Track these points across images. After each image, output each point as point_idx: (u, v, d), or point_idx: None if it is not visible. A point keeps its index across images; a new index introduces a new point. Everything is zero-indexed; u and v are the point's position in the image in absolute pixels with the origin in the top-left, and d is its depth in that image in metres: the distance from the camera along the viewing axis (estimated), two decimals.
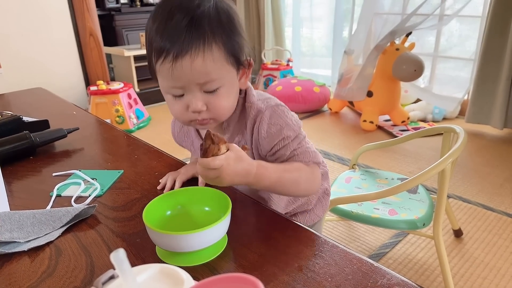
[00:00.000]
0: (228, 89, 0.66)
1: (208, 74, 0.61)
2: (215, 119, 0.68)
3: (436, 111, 2.99)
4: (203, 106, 0.64)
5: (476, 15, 2.88)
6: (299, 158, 0.71)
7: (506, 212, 1.78)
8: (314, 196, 0.90)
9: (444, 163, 1.08)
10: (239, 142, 0.75)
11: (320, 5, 4.01)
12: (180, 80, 0.62)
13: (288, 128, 0.70)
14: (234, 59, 0.64)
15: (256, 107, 0.72)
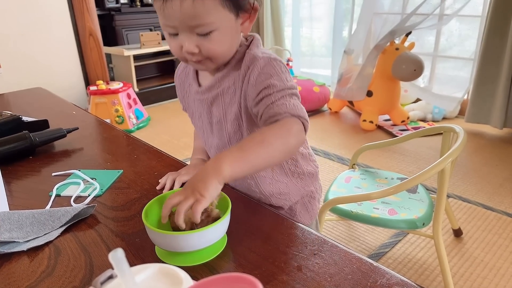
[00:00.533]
0: (223, 34, 0.64)
1: (198, 18, 0.61)
2: (211, 62, 0.68)
3: (436, 111, 2.99)
4: (195, 49, 0.64)
5: (476, 15, 2.88)
6: (273, 110, 0.64)
7: (506, 212, 1.78)
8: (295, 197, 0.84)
9: (444, 163, 1.08)
10: (228, 87, 0.72)
11: (320, 5, 4.01)
12: (171, 19, 0.62)
13: (277, 79, 0.67)
14: (231, 3, 0.63)
15: (253, 55, 0.70)
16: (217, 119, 0.76)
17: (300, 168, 0.83)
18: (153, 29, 3.96)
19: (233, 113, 0.73)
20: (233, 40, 0.68)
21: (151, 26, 3.97)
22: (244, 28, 0.69)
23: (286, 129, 0.63)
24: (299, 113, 0.65)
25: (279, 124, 0.64)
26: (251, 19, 0.69)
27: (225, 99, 0.73)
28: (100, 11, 3.45)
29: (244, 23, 0.68)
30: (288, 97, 0.66)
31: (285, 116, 0.64)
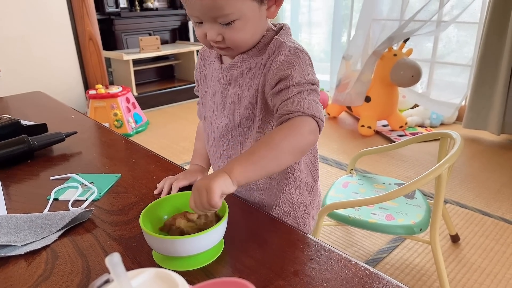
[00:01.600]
0: (245, 22, 0.65)
1: (220, 9, 0.62)
2: (234, 49, 0.69)
3: (434, 117, 3.01)
4: (218, 37, 0.66)
5: (474, 22, 2.90)
6: (287, 107, 0.64)
7: (503, 218, 1.78)
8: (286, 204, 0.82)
9: (441, 169, 1.09)
10: (249, 70, 0.72)
11: (319, 10, 4.03)
12: (194, 10, 0.64)
13: (299, 71, 0.65)
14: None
15: (281, 41, 0.69)
16: (232, 100, 0.75)
17: (299, 177, 0.81)
18: (152, 34, 3.98)
19: (248, 97, 0.72)
20: (257, 28, 0.69)
21: (150, 30, 3.99)
22: (270, 13, 0.69)
23: (295, 129, 0.62)
24: (313, 112, 0.63)
25: (289, 123, 0.63)
26: (278, 3, 0.68)
27: (243, 81, 0.73)
28: (100, 15, 3.47)
29: (270, 8, 0.68)
30: (306, 93, 0.65)
31: (297, 114, 0.63)
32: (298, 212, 0.84)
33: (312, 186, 0.85)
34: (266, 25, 0.72)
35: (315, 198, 0.87)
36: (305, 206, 0.84)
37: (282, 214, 0.83)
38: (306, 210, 0.85)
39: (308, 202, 0.84)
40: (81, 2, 3.06)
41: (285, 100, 0.65)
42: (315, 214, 0.88)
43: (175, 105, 3.78)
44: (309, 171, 0.84)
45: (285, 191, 0.81)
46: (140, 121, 3.09)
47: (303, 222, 0.85)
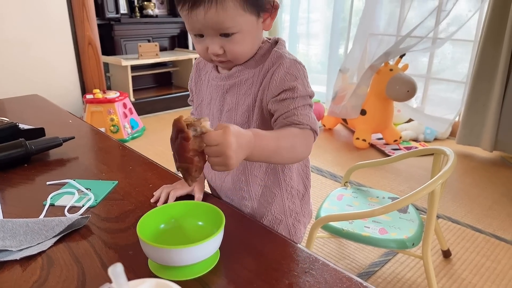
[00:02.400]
0: (245, 35, 0.69)
1: (221, 23, 0.65)
2: (233, 62, 0.73)
3: (428, 132, 3.04)
4: (220, 50, 0.70)
5: (469, 39, 2.95)
6: (297, 118, 0.69)
7: (494, 234, 1.80)
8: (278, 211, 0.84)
9: (434, 185, 1.10)
10: (247, 79, 0.75)
11: (317, 22, 4.08)
12: (196, 26, 0.67)
13: (301, 84, 0.71)
14: (252, 7, 0.67)
15: (280, 53, 0.73)
16: (229, 107, 0.78)
17: (291, 183, 0.83)
18: (151, 40, 4.00)
19: (245, 105, 0.75)
20: (255, 40, 0.73)
21: (150, 37, 4.01)
22: (266, 25, 0.73)
23: (308, 142, 0.70)
24: (316, 129, 0.72)
25: (304, 134, 0.70)
26: (272, 16, 0.73)
27: (241, 90, 0.76)
28: (100, 20, 3.48)
29: (265, 21, 0.72)
30: (309, 108, 0.72)
31: (306, 127, 0.70)
32: (290, 220, 0.85)
33: (304, 195, 0.87)
34: (262, 37, 0.76)
35: (307, 207, 0.89)
36: (297, 214, 0.86)
37: (274, 221, 0.84)
38: (297, 217, 0.87)
39: (300, 210, 0.87)
40: (82, 7, 3.07)
41: (292, 109, 0.70)
42: (306, 223, 0.90)
43: (171, 112, 3.78)
44: (301, 180, 0.86)
45: (277, 198, 0.83)
46: (136, 127, 3.09)
47: (294, 229, 0.87)
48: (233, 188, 0.83)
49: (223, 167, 0.56)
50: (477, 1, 2.79)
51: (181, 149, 0.54)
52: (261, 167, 0.81)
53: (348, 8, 3.55)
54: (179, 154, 0.55)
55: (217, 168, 0.56)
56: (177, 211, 0.65)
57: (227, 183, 0.84)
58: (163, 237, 0.62)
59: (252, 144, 0.59)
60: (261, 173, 0.81)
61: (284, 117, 0.70)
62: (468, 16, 2.82)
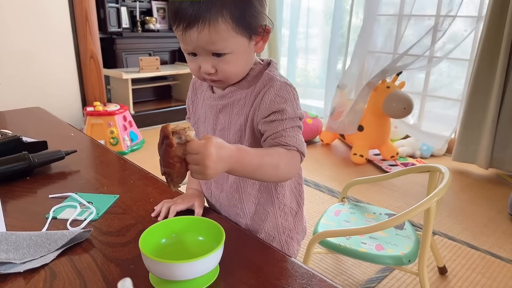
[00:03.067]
0: (237, 56, 0.71)
1: (214, 44, 0.68)
2: (224, 81, 0.75)
3: (424, 148, 3.07)
4: (212, 69, 0.72)
5: (465, 58, 3.01)
6: (285, 139, 0.71)
7: (490, 251, 1.81)
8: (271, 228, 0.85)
9: (429, 202, 1.12)
10: (239, 99, 0.77)
11: (316, 37, 4.15)
12: (190, 45, 0.70)
13: (290, 106, 0.73)
14: (244, 29, 0.69)
15: (272, 76, 0.75)
16: (222, 127, 0.80)
17: (284, 201, 0.85)
18: (152, 54, 4.05)
19: (238, 124, 0.78)
20: (247, 61, 0.75)
21: (151, 51, 4.06)
22: (258, 47, 0.76)
23: (294, 163, 0.72)
24: (303, 150, 0.73)
25: (291, 154, 0.72)
26: (264, 39, 0.75)
27: (234, 110, 0.78)
28: (102, 34, 3.54)
29: (258, 43, 0.75)
30: (297, 129, 0.74)
31: (293, 149, 0.72)
32: (283, 237, 0.87)
33: (297, 212, 0.89)
34: (253, 59, 0.78)
35: (300, 224, 0.90)
36: (290, 231, 0.88)
37: (267, 238, 0.86)
38: (291, 234, 0.88)
39: (293, 227, 0.88)
40: (85, 21, 3.13)
41: (280, 131, 0.72)
42: (300, 239, 0.92)
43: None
44: (294, 197, 0.88)
45: (270, 215, 0.85)
46: (136, 140, 3.11)
47: (287, 246, 0.88)
48: (228, 205, 0.85)
49: (201, 175, 0.60)
50: (473, 21, 2.86)
51: (166, 155, 0.58)
52: (254, 185, 0.82)
53: (346, 24, 3.62)
54: (163, 159, 0.59)
55: (195, 176, 0.61)
56: (178, 226, 0.67)
57: (223, 200, 0.86)
58: (164, 251, 0.64)
59: (234, 158, 0.63)
60: (254, 191, 0.83)
61: (272, 138, 0.72)
62: (464, 35, 2.89)
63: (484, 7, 2.74)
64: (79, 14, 3.13)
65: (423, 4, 2.97)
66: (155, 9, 4.15)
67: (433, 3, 2.95)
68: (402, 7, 3.11)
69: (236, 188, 0.83)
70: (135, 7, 3.95)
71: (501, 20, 2.47)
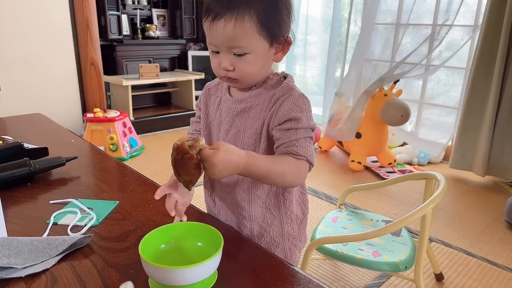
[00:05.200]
0: (256, 57, 0.74)
1: (236, 40, 0.71)
2: (240, 81, 0.78)
3: (422, 155, 3.09)
4: (230, 66, 0.75)
5: (461, 67, 3.05)
6: (296, 148, 0.74)
7: (486, 258, 1.82)
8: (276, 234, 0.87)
9: (425, 209, 1.14)
10: (257, 104, 0.80)
11: (314, 45, 4.19)
12: (214, 38, 0.74)
13: (305, 116, 0.76)
14: (267, 33, 0.73)
15: (291, 86, 0.79)
16: (237, 130, 0.82)
17: (291, 208, 0.86)
18: (152, 61, 4.08)
19: (254, 127, 0.80)
20: (264, 65, 0.78)
21: (150, 58, 4.09)
22: (277, 57, 0.79)
23: (301, 172, 0.76)
24: (312, 161, 0.77)
25: (299, 163, 0.75)
26: (284, 50, 0.79)
27: (251, 114, 0.81)
28: (103, 41, 3.57)
29: (277, 53, 0.78)
30: (309, 140, 0.77)
31: (303, 159, 0.75)
32: (287, 244, 0.88)
33: (302, 220, 0.90)
34: (271, 66, 0.81)
35: (303, 233, 0.92)
36: (294, 239, 0.89)
37: (271, 243, 0.87)
38: (294, 242, 0.89)
39: (297, 235, 0.89)
40: (86, 29, 3.16)
41: (293, 140, 0.75)
42: (302, 248, 0.93)
43: (170, 131, 3.83)
44: (299, 205, 0.89)
45: (276, 221, 0.86)
46: (135, 146, 3.13)
47: (290, 253, 0.89)
48: (234, 207, 0.86)
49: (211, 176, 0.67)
50: (469, 30, 2.90)
51: (187, 166, 0.65)
52: (264, 189, 0.84)
53: (344, 32, 3.66)
54: (184, 170, 0.66)
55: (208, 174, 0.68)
56: (177, 232, 0.68)
57: (229, 201, 0.86)
58: (163, 257, 0.65)
59: (243, 165, 0.68)
60: (263, 194, 0.84)
61: (284, 146, 0.75)
62: (460, 44, 2.92)
63: (480, 16, 2.78)
64: (80, 22, 3.16)
65: (420, 13, 3.01)
66: (155, 16, 4.19)
67: (430, 12, 2.99)
68: (399, 16, 3.15)
69: (246, 190, 0.84)
70: (135, 14, 3.99)
71: (496, 29, 2.51)
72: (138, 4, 4.06)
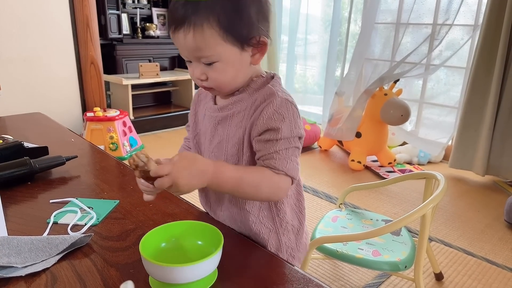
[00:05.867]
0: (226, 65, 0.70)
1: (200, 50, 0.68)
2: (217, 90, 0.75)
3: (422, 155, 3.09)
4: (201, 75, 0.72)
5: (461, 66, 3.04)
6: (274, 162, 0.70)
7: (486, 258, 1.82)
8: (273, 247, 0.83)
9: (425, 209, 1.14)
10: (239, 112, 0.76)
11: (314, 44, 4.19)
12: (180, 49, 0.71)
13: (287, 125, 0.71)
14: (234, 38, 0.68)
15: (273, 90, 0.73)
16: (220, 138, 0.79)
17: (285, 218, 0.83)
18: (152, 60, 4.08)
19: (236, 137, 0.76)
20: (238, 72, 0.73)
21: (151, 57, 4.09)
22: (254, 60, 0.73)
23: (278, 186, 0.72)
24: (293, 175, 0.73)
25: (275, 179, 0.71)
26: (261, 52, 0.73)
27: (233, 122, 0.77)
28: (103, 40, 3.57)
29: (254, 55, 0.73)
30: (291, 151, 0.72)
31: (281, 173, 0.71)
32: (285, 255, 0.85)
33: (299, 229, 0.86)
34: (250, 70, 0.75)
35: (302, 241, 0.88)
36: (292, 250, 0.86)
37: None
38: (292, 253, 0.86)
39: (295, 246, 0.86)
40: (86, 28, 3.16)
41: (272, 153, 0.71)
42: (301, 258, 0.89)
43: (170, 131, 3.83)
44: (295, 214, 0.86)
45: (272, 233, 0.82)
46: (135, 145, 3.13)
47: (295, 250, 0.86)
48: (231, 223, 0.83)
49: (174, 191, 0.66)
50: (469, 29, 2.90)
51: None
52: (254, 202, 0.80)
53: (344, 32, 3.66)
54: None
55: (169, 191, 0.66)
56: (177, 231, 0.68)
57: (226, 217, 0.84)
58: (164, 255, 0.65)
59: (209, 171, 0.66)
60: (255, 209, 0.80)
61: (263, 159, 0.72)
62: (460, 43, 2.92)
63: (480, 16, 2.78)
64: (80, 21, 3.15)
65: (420, 13, 3.01)
66: (155, 15, 4.19)
67: (430, 12, 2.99)
68: (399, 16, 3.15)
69: (235, 204, 0.81)
70: (135, 13, 3.99)
71: (497, 29, 2.51)
72: (138, 3, 4.05)
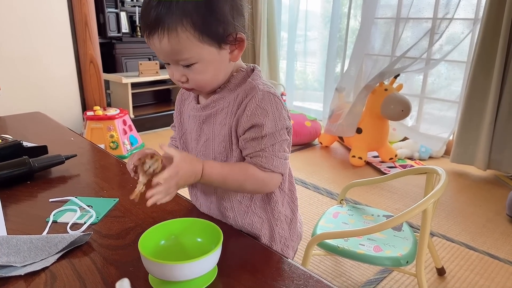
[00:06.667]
0: (206, 65, 0.69)
1: (177, 53, 0.67)
2: (198, 90, 0.75)
3: (423, 150, 3.08)
4: (182, 77, 0.72)
5: (462, 60, 3.03)
6: (260, 160, 0.71)
7: (488, 252, 1.82)
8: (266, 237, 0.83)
9: (426, 203, 1.13)
10: (222, 109, 0.75)
11: (314, 40, 4.18)
12: (157, 53, 0.70)
13: (271, 120, 0.71)
14: (210, 38, 0.67)
15: (254, 84, 0.73)
16: (206, 138, 0.78)
17: (278, 208, 0.83)
18: (152, 59, 4.07)
19: (222, 134, 0.76)
20: (218, 70, 0.72)
21: (150, 55, 4.08)
22: (233, 56, 0.72)
23: (265, 183, 0.74)
24: (281, 171, 0.74)
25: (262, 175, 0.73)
26: (239, 48, 0.72)
27: (217, 120, 0.76)
28: (102, 39, 3.56)
29: (233, 52, 0.72)
30: (277, 147, 0.73)
31: (268, 171, 0.73)
32: (279, 246, 0.85)
33: (292, 219, 0.87)
34: (230, 67, 0.75)
35: (295, 231, 0.88)
36: (285, 239, 0.86)
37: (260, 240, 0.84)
38: (286, 243, 0.86)
39: (288, 235, 0.86)
40: (85, 27, 3.15)
41: (258, 151, 0.72)
42: (295, 247, 0.90)
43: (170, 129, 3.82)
44: (288, 204, 0.86)
45: (265, 224, 0.82)
46: (136, 144, 3.12)
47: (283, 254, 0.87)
48: (221, 216, 0.83)
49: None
50: (470, 23, 2.88)
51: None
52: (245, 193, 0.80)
53: (344, 27, 3.64)
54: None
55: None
56: (177, 228, 0.68)
57: (214, 211, 0.84)
58: (163, 253, 0.65)
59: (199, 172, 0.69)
60: (246, 199, 0.80)
61: (250, 157, 0.73)
62: (461, 37, 2.91)
63: (480, 9, 2.76)
64: (78, 19, 3.15)
65: (420, 7, 2.99)
66: None
67: (430, 6, 2.97)
68: (399, 10, 3.13)
69: (225, 198, 0.80)
70: (134, 12, 3.97)
71: (497, 22, 2.49)
72: (137, 1, 4.04)
